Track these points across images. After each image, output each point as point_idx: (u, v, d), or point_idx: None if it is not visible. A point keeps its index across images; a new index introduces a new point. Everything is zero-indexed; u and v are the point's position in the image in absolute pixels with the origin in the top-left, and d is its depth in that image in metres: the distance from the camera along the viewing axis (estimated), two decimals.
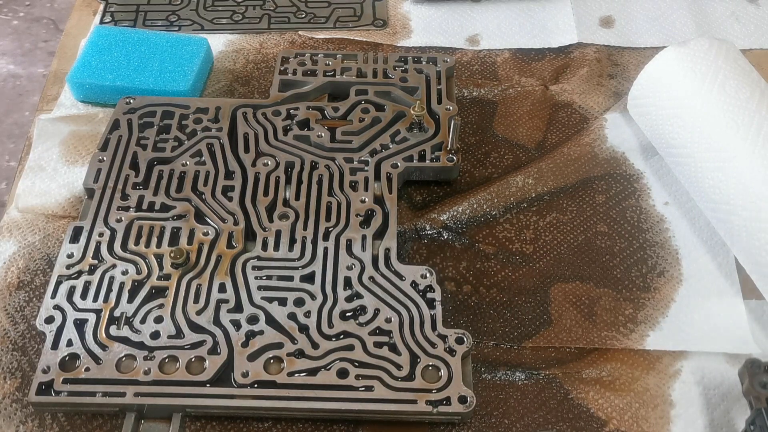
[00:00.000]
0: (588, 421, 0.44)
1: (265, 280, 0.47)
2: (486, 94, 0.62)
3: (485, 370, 0.46)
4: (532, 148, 0.58)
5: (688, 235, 0.52)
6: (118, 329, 0.45)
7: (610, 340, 0.47)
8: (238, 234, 0.49)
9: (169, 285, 0.47)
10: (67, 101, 0.61)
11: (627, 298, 0.49)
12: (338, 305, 0.46)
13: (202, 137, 0.55)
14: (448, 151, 0.54)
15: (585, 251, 0.52)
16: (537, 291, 0.50)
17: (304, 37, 0.66)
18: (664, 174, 0.56)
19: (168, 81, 0.59)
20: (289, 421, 0.44)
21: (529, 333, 0.48)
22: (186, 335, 0.45)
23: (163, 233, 0.49)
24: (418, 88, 0.58)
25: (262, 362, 0.43)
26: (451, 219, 0.53)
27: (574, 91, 0.62)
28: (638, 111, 0.56)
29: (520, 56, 0.65)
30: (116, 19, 0.67)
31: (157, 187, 0.52)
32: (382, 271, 0.48)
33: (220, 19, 0.67)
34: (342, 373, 0.43)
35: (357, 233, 0.49)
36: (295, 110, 0.57)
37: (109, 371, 0.43)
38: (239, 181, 0.52)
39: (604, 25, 0.67)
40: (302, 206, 0.51)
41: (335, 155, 0.54)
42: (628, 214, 0.54)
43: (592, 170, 0.56)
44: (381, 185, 0.52)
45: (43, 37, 1.55)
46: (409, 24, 0.68)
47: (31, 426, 0.43)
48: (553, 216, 0.54)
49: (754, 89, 0.50)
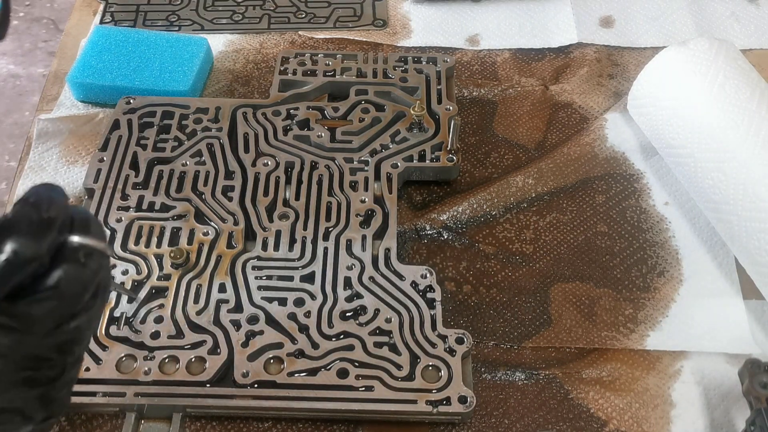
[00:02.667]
0: (588, 421, 0.44)
1: (265, 280, 0.47)
2: (486, 94, 0.62)
3: (485, 370, 0.46)
4: (532, 148, 0.58)
5: (688, 235, 0.52)
6: (118, 329, 0.45)
7: (610, 340, 0.47)
8: (238, 234, 0.49)
9: (169, 285, 0.47)
10: (67, 101, 0.61)
11: (627, 298, 0.49)
12: (338, 305, 0.46)
13: (202, 137, 0.55)
14: (448, 151, 0.54)
15: (585, 251, 0.52)
16: (537, 291, 0.50)
17: (304, 37, 0.66)
18: (664, 174, 0.56)
19: (168, 81, 0.59)
20: (289, 421, 0.44)
21: (529, 333, 0.48)
22: (186, 335, 0.45)
23: (163, 233, 0.49)
24: (418, 88, 0.58)
25: (262, 362, 0.43)
26: (451, 219, 0.53)
27: (574, 91, 0.62)
28: (638, 111, 0.56)
29: (520, 56, 0.65)
30: (116, 19, 0.67)
31: (157, 187, 0.52)
32: (382, 271, 0.48)
33: (220, 19, 0.67)
34: (342, 373, 0.43)
35: (357, 233, 0.49)
36: (295, 110, 0.57)
37: (109, 371, 0.43)
38: (239, 181, 0.52)
39: (604, 25, 0.67)
40: (302, 206, 0.51)
41: (335, 155, 0.54)
42: (628, 214, 0.54)
43: (592, 170, 0.56)
44: (381, 185, 0.52)
45: (43, 37, 1.55)
46: (409, 24, 0.68)
47: None
48: (553, 216, 0.54)
49: (754, 89, 0.50)
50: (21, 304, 0.27)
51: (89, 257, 0.29)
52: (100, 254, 0.29)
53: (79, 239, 0.29)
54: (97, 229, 0.30)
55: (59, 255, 0.28)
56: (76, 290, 0.28)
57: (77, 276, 0.28)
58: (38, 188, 0.29)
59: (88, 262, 0.29)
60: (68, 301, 0.28)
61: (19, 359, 0.27)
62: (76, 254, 0.28)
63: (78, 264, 0.28)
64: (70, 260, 0.28)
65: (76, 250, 0.28)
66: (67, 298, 0.28)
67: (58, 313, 0.28)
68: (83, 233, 0.29)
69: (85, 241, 0.29)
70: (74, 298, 0.28)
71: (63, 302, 0.28)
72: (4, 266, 0.26)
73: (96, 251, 0.29)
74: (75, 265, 0.28)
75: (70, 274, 0.28)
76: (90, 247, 0.29)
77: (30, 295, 0.27)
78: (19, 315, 0.27)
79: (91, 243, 0.29)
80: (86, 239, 0.29)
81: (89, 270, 0.29)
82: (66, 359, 0.29)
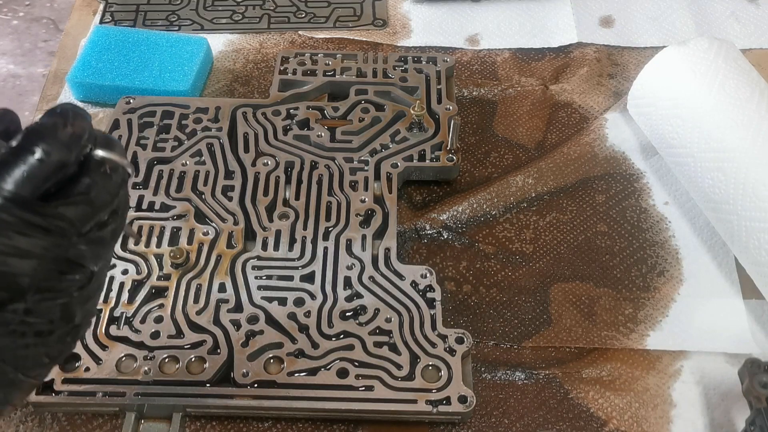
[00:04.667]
0: (588, 421, 0.44)
1: (265, 279, 0.47)
2: (486, 94, 0.62)
3: (485, 369, 0.46)
4: (532, 147, 0.58)
5: (688, 235, 0.52)
6: (118, 329, 0.45)
7: (610, 340, 0.47)
8: (238, 234, 0.49)
9: (169, 285, 0.47)
10: (67, 101, 0.61)
11: (627, 298, 0.49)
12: (338, 305, 0.46)
13: (202, 137, 0.55)
14: (447, 151, 0.54)
15: (585, 251, 0.52)
16: (537, 291, 0.50)
17: (304, 36, 0.66)
18: (664, 174, 0.56)
19: (168, 81, 0.59)
20: (289, 421, 0.44)
21: (529, 333, 0.48)
22: (186, 335, 0.45)
23: (163, 233, 0.49)
24: (417, 88, 0.58)
25: (262, 362, 0.43)
26: (451, 219, 0.53)
27: (574, 90, 0.62)
28: (638, 111, 0.56)
29: (520, 56, 0.65)
30: (116, 19, 0.67)
31: (157, 186, 0.52)
32: (382, 270, 0.48)
33: (220, 18, 0.67)
34: (342, 372, 0.43)
35: (357, 233, 0.49)
36: (295, 110, 0.57)
37: (109, 371, 0.43)
38: (239, 180, 0.52)
39: (604, 25, 0.67)
40: (302, 206, 0.51)
41: (335, 155, 0.54)
42: (628, 214, 0.54)
43: (592, 170, 0.56)
44: (381, 185, 0.52)
45: (43, 37, 1.55)
46: (409, 24, 0.68)
47: (31, 426, 0.43)
48: (553, 216, 0.54)
49: (754, 89, 0.50)
50: (54, 204, 0.28)
51: (114, 171, 0.30)
52: (124, 170, 0.31)
53: (104, 153, 0.30)
54: (120, 148, 0.31)
55: (85, 166, 0.30)
56: (104, 198, 0.30)
57: (104, 185, 0.30)
58: (64, 105, 0.30)
59: (113, 175, 0.30)
60: (97, 208, 0.29)
61: (52, 261, 0.28)
62: (102, 166, 0.30)
63: (104, 174, 0.30)
64: (96, 171, 0.30)
65: (101, 163, 0.30)
66: (96, 205, 0.29)
67: (88, 218, 0.29)
68: (107, 149, 0.30)
69: (109, 155, 0.30)
70: (102, 206, 0.30)
71: (92, 208, 0.29)
72: (36, 166, 0.27)
73: (120, 166, 0.31)
74: (102, 174, 0.30)
75: (98, 182, 0.30)
76: (114, 161, 0.30)
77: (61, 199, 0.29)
78: (53, 215, 0.28)
79: (115, 158, 0.30)
80: (110, 154, 0.30)
81: (114, 182, 0.30)
82: (94, 266, 0.30)
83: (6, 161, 0.27)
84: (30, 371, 0.30)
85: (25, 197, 0.27)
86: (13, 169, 0.27)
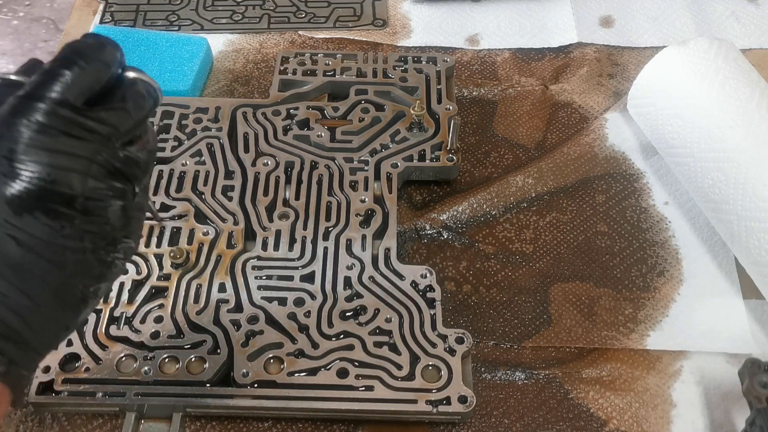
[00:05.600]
0: (588, 421, 0.44)
1: (265, 279, 0.47)
2: (486, 93, 0.62)
3: (485, 369, 0.46)
4: (532, 147, 0.58)
5: (688, 235, 0.52)
6: (118, 329, 0.45)
7: (610, 340, 0.47)
8: (238, 234, 0.49)
9: (169, 285, 0.47)
10: None
11: (627, 298, 0.49)
12: (338, 305, 0.46)
13: (202, 137, 0.55)
14: (447, 151, 0.54)
15: (585, 251, 0.52)
16: (537, 291, 0.50)
17: (304, 36, 0.66)
18: (664, 174, 0.56)
19: (168, 81, 0.59)
20: (289, 421, 0.44)
21: (529, 333, 0.48)
22: (186, 335, 0.45)
23: (163, 233, 0.49)
24: (417, 88, 0.58)
25: (262, 362, 0.43)
26: (451, 219, 0.53)
27: (574, 90, 0.62)
28: (638, 111, 0.56)
29: (520, 56, 0.65)
30: (116, 19, 0.67)
31: (157, 187, 0.52)
32: (382, 270, 0.48)
33: (220, 18, 0.67)
34: (342, 372, 0.43)
35: (357, 233, 0.49)
36: (295, 110, 0.57)
37: (109, 371, 0.43)
38: (239, 180, 0.52)
39: (604, 25, 0.67)
40: (302, 206, 0.51)
41: (335, 155, 0.54)
42: (628, 214, 0.54)
43: (592, 170, 0.56)
44: (381, 185, 0.52)
45: (43, 37, 1.55)
46: (409, 24, 0.68)
47: (31, 426, 0.43)
48: (553, 216, 0.54)
49: (754, 89, 0.50)
50: (97, 109, 0.30)
51: (146, 88, 0.32)
52: (154, 90, 0.33)
53: (135, 74, 0.32)
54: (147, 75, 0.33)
55: (119, 84, 0.32)
56: (140, 112, 0.32)
57: (139, 98, 0.32)
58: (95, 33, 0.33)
59: (145, 93, 0.32)
60: (134, 119, 0.31)
61: (100, 166, 0.30)
62: (135, 84, 0.32)
63: (138, 91, 0.32)
64: (129, 87, 0.32)
65: (134, 82, 0.32)
66: (133, 115, 0.31)
67: (127, 126, 0.31)
68: (137, 72, 0.33)
69: (140, 75, 0.32)
70: (138, 120, 0.32)
71: (130, 117, 0.31)
72: (79, 74, 0.30)
73: (151, 86, 0.33)
74: (135, 90, 0.32)
75: (133, 94, 0.32)
76: (146, 81, 0.33)
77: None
78: (97, 119, 0.30)
79: (146, 78, 0.33)
80: (141, 75, 0.33)
81: (148, 98, 0.32)
82: (136, 176, 0.32)
83: (51, 72, 0.30)
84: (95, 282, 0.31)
85: (70, 102, 0.29)
86: (58, 78, 0.29)
